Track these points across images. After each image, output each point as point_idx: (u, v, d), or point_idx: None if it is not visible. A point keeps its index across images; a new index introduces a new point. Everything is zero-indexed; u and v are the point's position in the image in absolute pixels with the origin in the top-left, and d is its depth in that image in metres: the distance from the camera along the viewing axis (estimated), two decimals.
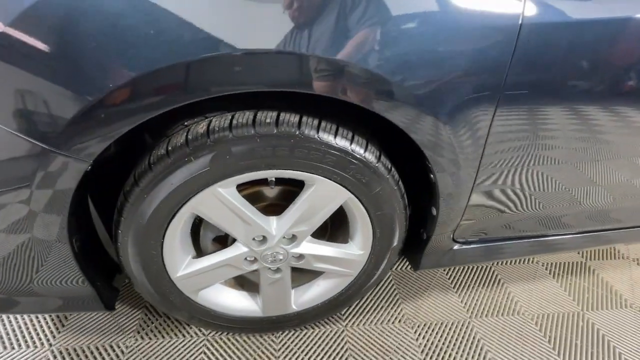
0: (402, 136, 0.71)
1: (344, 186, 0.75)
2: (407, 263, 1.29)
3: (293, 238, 0.84)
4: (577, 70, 0.66)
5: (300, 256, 0.88)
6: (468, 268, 1.32)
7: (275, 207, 0.85)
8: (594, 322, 1.15)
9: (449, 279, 1.27)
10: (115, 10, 0.50)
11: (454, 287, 1.24)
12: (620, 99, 0.72)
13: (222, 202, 0.72)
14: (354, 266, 0.93)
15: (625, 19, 0.64)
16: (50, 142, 0.56)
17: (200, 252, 0.90)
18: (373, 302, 1.16)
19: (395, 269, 1.29)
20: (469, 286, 1.25)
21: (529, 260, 1.38)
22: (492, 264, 1.34)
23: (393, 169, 0.78)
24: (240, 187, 0.84)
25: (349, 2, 0.55)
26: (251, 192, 0.87)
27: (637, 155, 0.84)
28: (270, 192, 0.88)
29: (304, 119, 0.67)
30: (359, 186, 0.76)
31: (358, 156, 0.71)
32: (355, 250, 0.90)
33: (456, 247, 0.99)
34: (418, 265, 1.01)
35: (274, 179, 0.80)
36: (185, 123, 0.69)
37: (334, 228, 0.98)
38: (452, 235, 0.95)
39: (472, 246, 1.01)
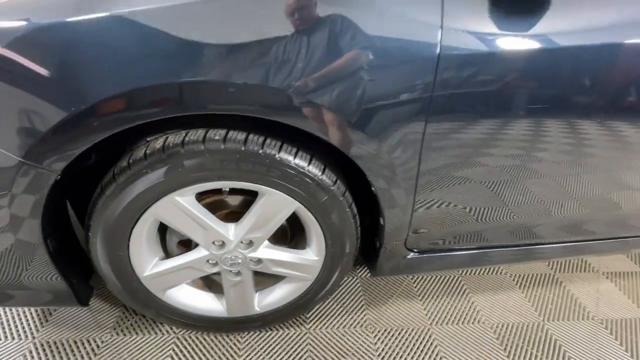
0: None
1: (291, 196, 0.83)
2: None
3: (250, 243, 0.92)
4: (491, 92, 0.74)
5: (259, 260, 0.95)
6: (434, 277, 1.36)
7: (237, 215, 0.92)
8: (552, 332, 1.18)
9: (415, 286, 1.32)
10: (75, 45, 0.60)
11: (419, 295, 1.29)
12: (537, 113, 0.78)
13: (180, 209, 0.81)
14: (311, 271, 1.00)
15: (531, 51, 0.71)
16: (23, 155, 0.65)
17: (168, 255, 0.98)
18: (339, 306, 1.22)
19: (364, 275, 1.35)
20: (433, 294, 1.29)
21: (496, 270, 1.41)
22: (460, 274, 1.38)
23: (339, 181, 0.86)
24: (205, 196, 0.93)
25: (289, 44, 0.64)
26: (215, 200, 0.95)
27: (564, 168, 0.90)
28: (233, 200, 0.96)
29: (250, 136, 0.75)
30: (305, 197, 0.83)
31: (302, 170, 0.79)
32: (311, 256, 0.97)
33: (411, 255, 1.05)
34: (375, 272, 1.07)
35: (227, 189, 0.88)
36: (148, 139, 0.78)
37: (297, 235, 1.05)
38: (404, 244, 1.01)
39: (428, 255, 1.07)
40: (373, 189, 0.84)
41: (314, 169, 0.81)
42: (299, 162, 0.79)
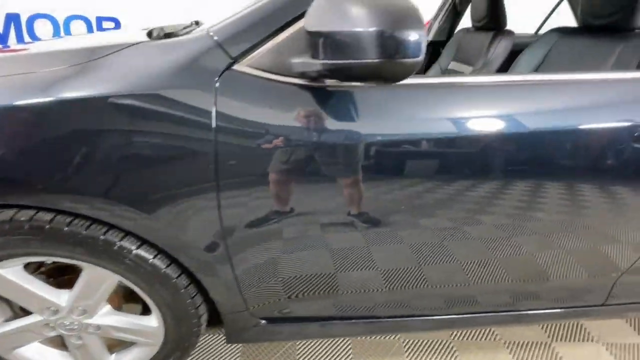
0: None
1: (109, 270, 0.86)
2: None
3: (85, 310, 0.95)
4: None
5: (98, 326, 0.98)
6: (319, 341, 1.33)
7: None
8: None
9: (297, 350, 1.29)
10: None
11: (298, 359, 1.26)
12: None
13: (1, 280, 0.86)
14: (155, 337, 1.01)
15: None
16: None
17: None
18: None
19: None
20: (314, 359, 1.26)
21: (389, 337, 1.37)
22: (349, 339, 1.34)
23: (161, 254, 0.89)
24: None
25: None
26: (62, 265, 1.00)
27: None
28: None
29: (57, 217, 0.81)
30: (123, 271, 0.86)
31: (112, 246, 0.83)
32: (153, 322, 0.99)
33: (262, 323, 1.05)
34: (228, 339, 1.07)
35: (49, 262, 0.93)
36: None
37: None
38: (250, 313, 1.01)
39: (279, 324, 1.06)
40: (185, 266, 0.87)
41: (128, 245, 0.84)
42: (110, 238, 0.83)
